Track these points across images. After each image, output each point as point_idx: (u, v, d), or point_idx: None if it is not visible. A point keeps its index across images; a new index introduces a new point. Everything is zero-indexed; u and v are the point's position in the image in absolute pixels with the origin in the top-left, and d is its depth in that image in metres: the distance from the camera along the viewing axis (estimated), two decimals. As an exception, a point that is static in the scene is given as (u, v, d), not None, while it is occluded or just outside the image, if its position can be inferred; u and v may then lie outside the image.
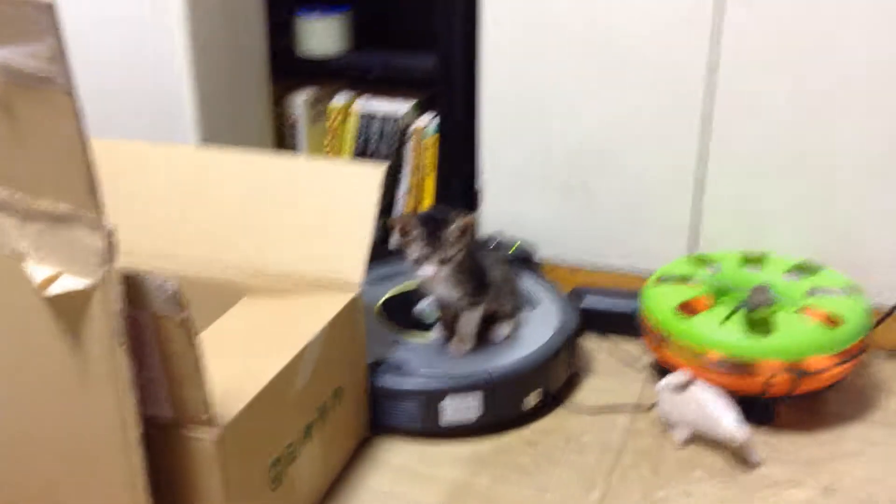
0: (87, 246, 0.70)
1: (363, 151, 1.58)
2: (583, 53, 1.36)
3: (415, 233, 1.12)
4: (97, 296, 0.71)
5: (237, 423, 0.83)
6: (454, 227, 1.11)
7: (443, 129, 1.53)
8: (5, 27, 0.64)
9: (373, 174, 1.11)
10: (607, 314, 1.40)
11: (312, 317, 1.00)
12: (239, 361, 0.92)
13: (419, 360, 1.18)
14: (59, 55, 0.64)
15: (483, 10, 1.39)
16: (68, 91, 0.65)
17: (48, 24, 0.63)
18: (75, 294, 0.72)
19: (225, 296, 1.08)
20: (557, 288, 1.36)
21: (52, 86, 0.65)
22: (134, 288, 0.73)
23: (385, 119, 1.55)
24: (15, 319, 0.77)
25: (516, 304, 1.26)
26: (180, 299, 0.73)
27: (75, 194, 0.69)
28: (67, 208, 0.70)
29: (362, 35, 1.64)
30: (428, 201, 1.59)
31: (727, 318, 1.16)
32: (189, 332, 0.75)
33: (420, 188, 1.59)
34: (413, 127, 1.56)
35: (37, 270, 0.72)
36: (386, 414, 1.15)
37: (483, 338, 1.22)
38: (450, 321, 1.22)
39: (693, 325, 1.16)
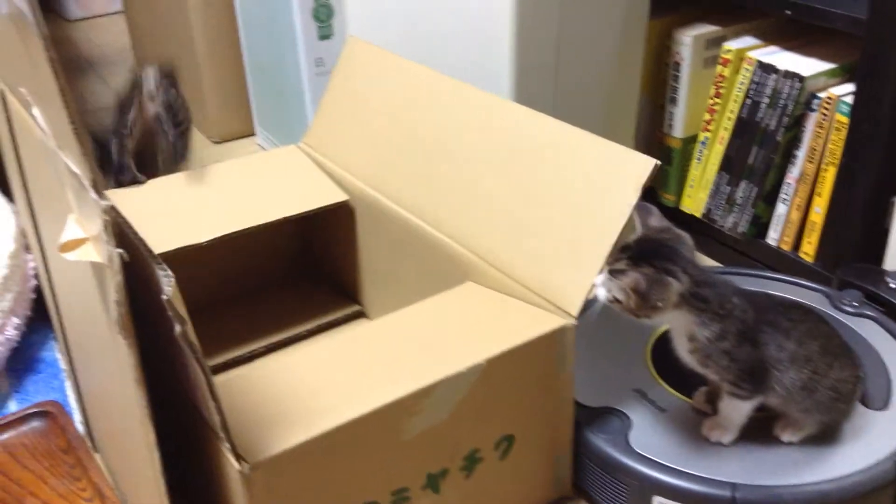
0: (94, 218, 0.58)
1: (751, 116, 1.18)
2: None
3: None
4: (108, 274, 0.60)
5: (281, 463, 0.67)
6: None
7: (860, 106, 1.05)
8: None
9: (637, 172, 0.79)
10: None
11: (498, 337, 0.78)
12: (365, 377, 0.76)
13: (655, 428, 0.85)
14: None
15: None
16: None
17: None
18: (96, 266, 0.62)
19: (452, 267, 0.92)
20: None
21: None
22: (143, 273, 0.59)
23: (786, 77, 1.12)
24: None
25: (825, 417, 0.82)
26: (175, 310, 0.57)
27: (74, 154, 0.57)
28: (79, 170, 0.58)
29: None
30: (824, 200, 1.14)
31: None
32: (191, 348, 0.59)
33: (816, 180, 1.14)
34: (824, 96, 1.11)
35: (72, 228, 0.63)
36: (590, 481, 0.87)
37: (762, 425, 0.83)
38: (713, 390, 0.86)
39: None
